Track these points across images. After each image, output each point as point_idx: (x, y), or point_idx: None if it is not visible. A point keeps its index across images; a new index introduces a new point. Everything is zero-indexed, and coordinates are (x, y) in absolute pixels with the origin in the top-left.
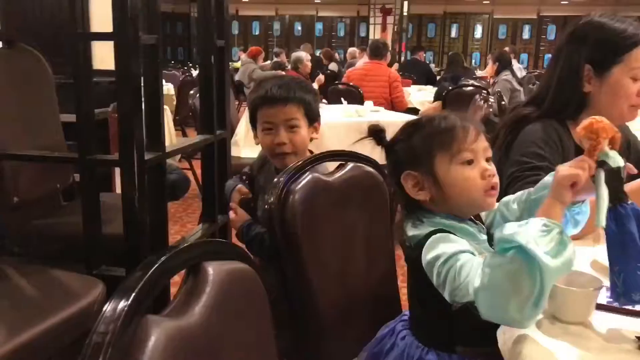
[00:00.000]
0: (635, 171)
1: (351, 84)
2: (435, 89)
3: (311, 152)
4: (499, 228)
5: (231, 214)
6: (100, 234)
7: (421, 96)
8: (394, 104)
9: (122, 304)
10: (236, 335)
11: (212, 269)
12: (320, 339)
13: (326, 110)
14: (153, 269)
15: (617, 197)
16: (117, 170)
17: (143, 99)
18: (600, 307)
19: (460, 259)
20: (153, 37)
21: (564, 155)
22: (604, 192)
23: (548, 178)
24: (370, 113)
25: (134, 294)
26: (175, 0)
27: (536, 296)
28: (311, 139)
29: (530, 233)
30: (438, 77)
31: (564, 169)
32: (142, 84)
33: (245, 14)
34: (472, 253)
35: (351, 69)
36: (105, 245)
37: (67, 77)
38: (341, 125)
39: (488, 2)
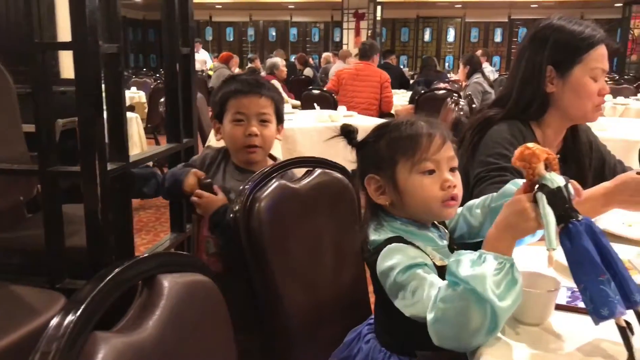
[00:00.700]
0: (579, 187)
1: (324, 89)
2: (408, 92)
3: (273, 158)
4: (454, 259)
5: (198, 202)
6: (63, 246)
7: (395, 100)
8: (383, 104)
9: (68, 320)
10: (193, 348)
11: (168, 282)
12: (290, 346)
13: (299, 116)
14: (103, 283)
15: (566, 215)
16: None
17: (105, 108)
18: (559, 307)
19: (413, 277)
20: (114, 46)
21: None
22: (549, 214)
23: (509, 186)
24: (344, 118)
25: (80, 310)
26: (146, 7)
27: (487, 329)
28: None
29: (487, 277)
30: (411, 81)
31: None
32: (103, 93)
33: (219, 20)
34: (426, 264)
35: (341, 69)
36: (69, 258)
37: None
38: (314, 130)
39: (460, 6)
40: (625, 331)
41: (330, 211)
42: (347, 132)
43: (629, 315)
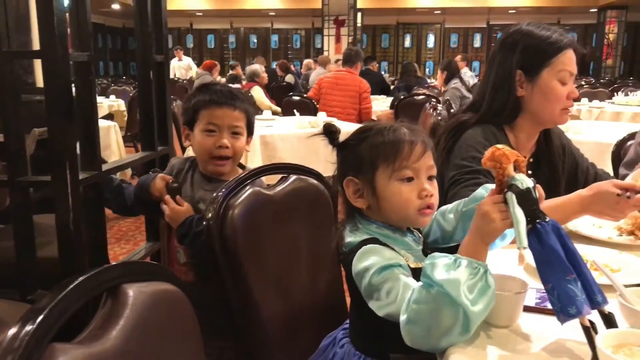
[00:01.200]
0: (542, 193)
1: (305, 95)
2: (388, 98)
3: (242, 167)
4: (429, 262)
5: (166, 208)
6: (34, 257)
7: (375, 106)
8: (361, 114)
9: (25, 331)
10: (159, 359)
11: (133, 292)
12: (267, 353)
13: (279, 122)
14: (63, 293)
15: (534, 216)
16: None
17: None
18: (528, 309)
19: (388, 277)
20: (84, 54)
21: None
22: (519, 213)
23: (479, 191)
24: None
25: (38, 321)
26: (126, 15)
27: (459, 331)
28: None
29: (461, 282)
30: (392, 87)
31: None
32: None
33: (200, 27)
34: (401, 265)
35: (322, 77)
36: (41, 269)
37: None
38: (294, 136)
39: (439, 12)
40: (589, 331)
41: (305, 217)
42: (330, 132)
43: (593, 315)
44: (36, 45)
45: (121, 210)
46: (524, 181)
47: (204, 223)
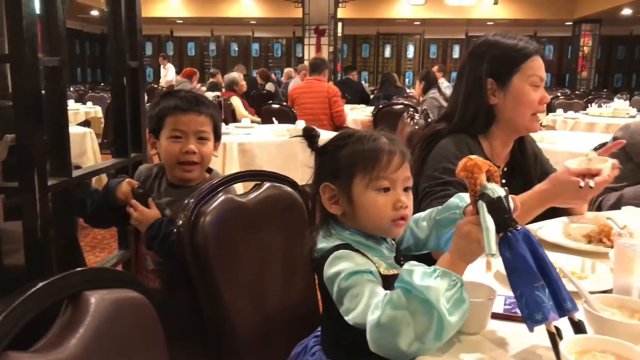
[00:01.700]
0: (517, 202)
1: (284, 104)
2: (368, 107)
3: (209, 171)
4: (407, 268)
5: (133, 212)
6: (1, 264)
7: (354, 115)
8: (334, 118)
9: None
10: None
11: (95, 299)
12: None
13: (257, 130)
14: (18, 301)
15: (505, 224)
16: None
17: (47, 123)
18: (497, 316)
19: (356, 283)
20: (55, 59)
21: None
22: (489, 221)
23: (453, 200)
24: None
25: None
26: (104, 21)
27: (430, 339)
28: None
29: (441, 290)
30: (372, 96)
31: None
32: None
33: (181, 35)
34: (371, 272)
35: (293, 87)
36: (9, 277)
37: None
38: (272, 144)
39: (419, 23)
40: (554, 337)
41: (279, 225)
42: (310, 136)
43: (560, 322)
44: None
45: (94, 217)
46: (496, 190)
47: (175, 230)
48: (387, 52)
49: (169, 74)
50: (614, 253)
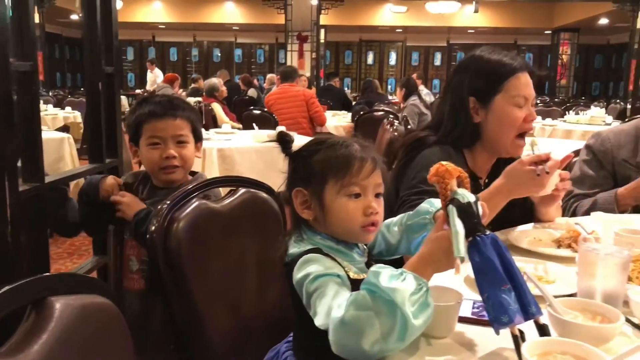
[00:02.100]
0: (486, 208)
1: (265, 109)
2: (350, 113)
3: (193, 174)
4: (374, 270)
5: (120, 199)
6: None
7: (335, 121)
8: (314, 119)
9: None
10: None
11: (60, 305)
12: None
13: (238, 136)
14: None
15: (474, 229)
16: None
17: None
18: (465, 320)
19: (322, 285)
20: (27, 64)
21: None
22: (459, 225)
23: (423, 205)
24: None
25: None
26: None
27: (394, 345)
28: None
29: (407, 291)
30: (354, 103)
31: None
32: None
33: (163, 40)
34: (339, 276)
35: (269, 94)
36: None
37: None
38: (252, 150)
39: (401, 30)
40: (517, 339)
41: (254, 230)
42: (283, 140)
43: (526, 325)
44: None
45: (85, 221)
46: (466, 195)
47: (147, 236)
48: (370, 59)
49: (158, 79)
50: (578, 257)
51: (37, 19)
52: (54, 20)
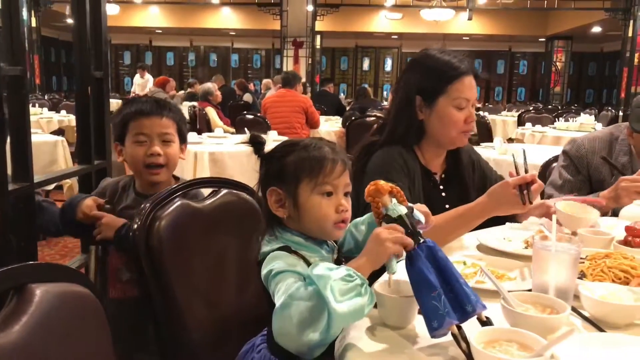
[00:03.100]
0: (427, 211)
1: (259, 114)
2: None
3: (177, 179)
4: (314, 264)
5: (98, 215)
6: None
7: (327, 126)
8: (311, 124)
9: None
10: (62, 354)
11: (40, 291)
12: None
13: (229, 140)
14: None
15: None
16: None
17: (9, 130)
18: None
19: (281, 280)
20: (17, 69)
21: (411, 176)
22: None
23: None
24: (273, 143)
25: None
26: None
27: (322, 332)
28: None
29: (332, 279)
30: (348, 108)
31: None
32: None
33: (159, 45)
34: (300, 273)
35: (267, 97)
36: None
37: None
38: (242, 154)
39: (396, 37)
40: (456, 337)
41: (235, 230)
42: (256, 143)
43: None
44: None
45: (66, 232)
46: (396, 209)
47: (130, 234)
48: (366, 65)
49: (149, 84)
50: (532, 254)
51: (33, 23)
52: (49, 24)
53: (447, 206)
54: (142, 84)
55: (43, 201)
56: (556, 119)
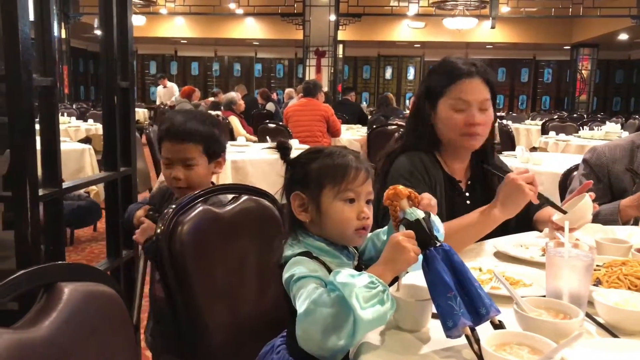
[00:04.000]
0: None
1: (280, 123)
2: (364, 128)
3: (213, 184)
4: (336, 270)
5: (142, 220)
6: None
7: (349, 135)
8: (332, 132)
9: None
10: (88, 350)
11: (68, 289)
12: None
13: (251, 148)
14: None
15: (424, 243)
16: None
17: (39, 138)
18: (436, 316)
19: (303, 285)
20: (48, 80)
21: (432, 184)
22: None
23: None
24: (295, 151)
25: None
26: None
27: (346, 338)
28: (213, 173)
29: (357, 287)
30: (370, 117)
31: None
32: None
33: (185, 55)
34: (321, 278)
35: (289, 106)
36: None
37: None
38: (265, 162)
39: (419, 45)
40: (469, 339)
41: (254, 235)
42: (282, 148)
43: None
44: None
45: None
46: (414, 213)
47: (153, 238)
48: (388, 74)
49: (175, 91)
50: (546, 261)
51: (63, 35)
52: (78, 35)
53: None
54: (167, 92)
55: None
56: (581, 128)
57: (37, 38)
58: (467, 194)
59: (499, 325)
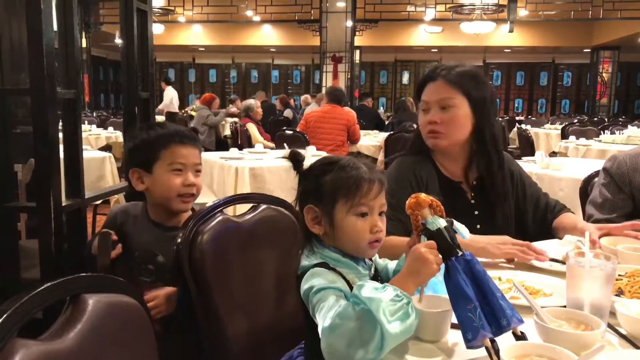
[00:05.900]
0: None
1: (297, 130)
2: (381, 133)
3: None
4: (359, 283)
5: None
6: (19, 278)
7: (367, 140)
8: (352, 140)
9: None
10: (111, 359)
11: (92, 301)
12: None
13: (269, 155)
14: (27, 297)
15: (446, 252)
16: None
17: (62, 149)
18: (455, 326)
19: (323, 297)
20: (71, 92)
21: (421, 188)
22: None
23: None
24: (312, 158)
25: (3, 318)
26: None
27: (373, 351)
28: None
29: (383, 301)
30: (387, 122)
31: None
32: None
33: (202, 62)
34: (340, 289)
35: (310, 112)
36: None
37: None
38: (281, 169)
39: (436, 50)
40: (489, 350)
41: (273, 244)
42: (295, 160)
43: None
44: None
45: None
46: (435, 222)
47: (174, 247)
48: (405, 79)
49: (173, 99)
50: (566, 271)
51: (84, 44)
52: (99, 44)
53: (475, 213)
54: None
55: None
56: (602, 132)
57: (60, 49)
58: (473, 194)
59: (521, 337)
